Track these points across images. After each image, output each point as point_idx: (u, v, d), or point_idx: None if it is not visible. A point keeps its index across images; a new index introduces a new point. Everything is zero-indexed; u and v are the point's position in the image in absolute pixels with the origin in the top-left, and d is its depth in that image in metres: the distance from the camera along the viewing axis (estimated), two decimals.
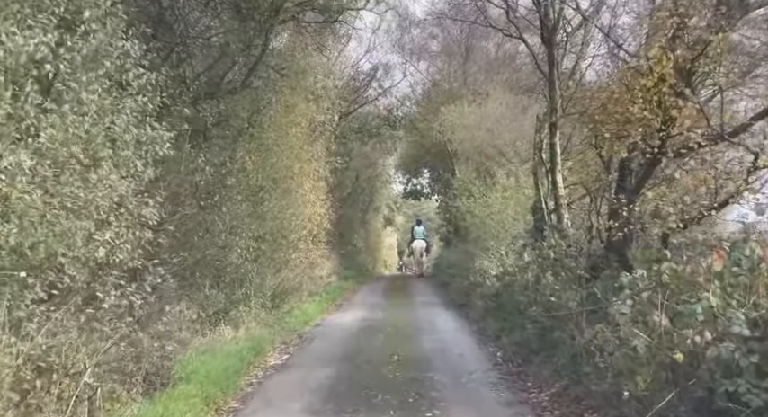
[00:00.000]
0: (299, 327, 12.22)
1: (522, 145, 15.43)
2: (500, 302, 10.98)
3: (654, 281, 5.04)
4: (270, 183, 13.44)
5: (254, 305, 11.70)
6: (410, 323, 12.24)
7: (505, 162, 15.49)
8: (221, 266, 11.15)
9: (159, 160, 8.10)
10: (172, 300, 9.42)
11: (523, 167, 14.94)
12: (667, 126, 6.23)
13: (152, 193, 6.98)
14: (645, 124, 6.26)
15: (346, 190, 26.25)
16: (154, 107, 7.04)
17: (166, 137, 6.42)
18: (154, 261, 7.24)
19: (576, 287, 7.28)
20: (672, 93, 6.11)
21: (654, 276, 5.06)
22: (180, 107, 8.90)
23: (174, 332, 9.14)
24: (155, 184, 8.08)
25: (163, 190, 8.42)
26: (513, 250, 12.20)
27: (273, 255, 13.48)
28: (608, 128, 6.65)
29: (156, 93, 7.52)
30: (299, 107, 15.66)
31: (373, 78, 22.84)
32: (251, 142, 12.73)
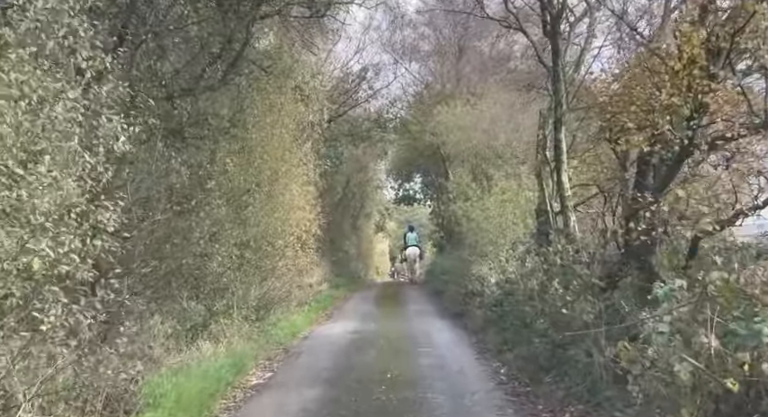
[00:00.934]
0: (286, 340, 11.33)
1: (519, 145, 14.61)
2: (501, 312, 10.13)
3: (698, 294, 4.18)
4: (254, 187, 12.55)
5: (237, 317, 10.81)
6: (404, 334, 11.37)
7: (502, 163, 14.66)
8: (200, 275, 10.25)
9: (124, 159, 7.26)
10: (143, 314, 8.57)
11: (522, 168, 14.10)
12: (699, 113, 5.41)
13: (112, 196, 6.10)
14: (673, 112, 5.43)
15: (337, 195, 25.38)
16: (114, 98, 6.18)
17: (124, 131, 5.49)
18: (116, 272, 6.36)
19: (592, 298, 6.41)
20: (703, 76, 5.29)
21: (698, 287, 4.20)
22: (149, 101, 8.01)
23: (145, 350, 8.28)
24: (120, 186, 7.22)
25: (130, 194, 7.57)
26: (513, 256, 11.35)
27: (258, 263, 12.58)
28: (630, 118, 5.80)
29: (117, 82, 6.65)
30: (287, 107, 14.78)
31: (363, 79, 22.00)
32: (233, 143, 11.84)
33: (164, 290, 9.43)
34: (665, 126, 5.40)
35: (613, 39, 9.43)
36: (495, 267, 11.71)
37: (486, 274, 11.68)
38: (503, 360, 8.53)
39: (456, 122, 17.06)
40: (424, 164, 26.25)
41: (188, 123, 9.86)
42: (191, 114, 10.06)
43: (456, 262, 16.02)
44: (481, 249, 13.41)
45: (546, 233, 9.19)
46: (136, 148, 8.31)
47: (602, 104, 6.86)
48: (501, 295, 10.62)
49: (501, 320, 10.03)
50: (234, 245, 11.21)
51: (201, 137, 10.82)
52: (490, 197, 14.05)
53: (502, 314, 10.11)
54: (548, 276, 8.66)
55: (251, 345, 10.12)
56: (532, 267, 9.34)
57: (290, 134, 14.96)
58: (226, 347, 9.64)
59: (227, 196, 11.76)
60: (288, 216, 14.28)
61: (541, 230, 9.34)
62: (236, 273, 11.13)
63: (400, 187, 30.11)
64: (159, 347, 8.58)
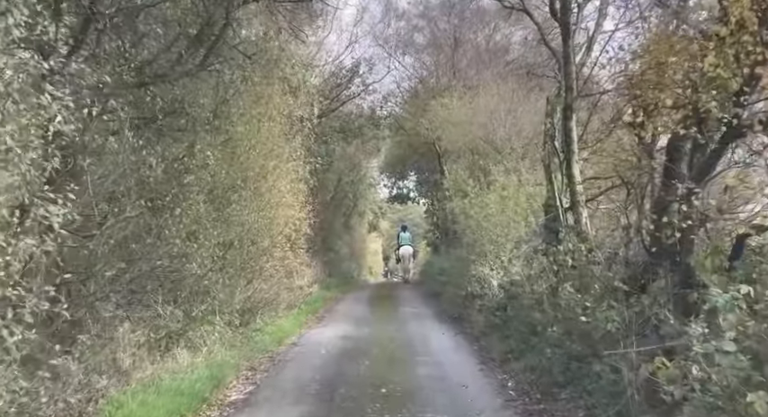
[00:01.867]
0: (272, 347, 10.44)
1: (518, 140, 13.73)
2: (506, 317, 9.25)
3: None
4: (238, 183, 11.64)
5: (219, 322, 9.91)
6: (400, 340, 10.46)
7: (501, 158, 13.76)
8: (178, 278, 9.34)
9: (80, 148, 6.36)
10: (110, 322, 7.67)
11: (522, 163, 13.21)
12: (751, 87, 4.54)
13: (61, 188, 5.20)
14: (719, 86, 4.56)
15: (328, 193, 24.45)
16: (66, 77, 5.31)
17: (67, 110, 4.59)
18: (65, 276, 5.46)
19: (616, 303, 5.53)
20: (755, 43, 4.41)
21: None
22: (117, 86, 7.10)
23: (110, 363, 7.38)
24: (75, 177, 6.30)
25: (91, 187, 6.66)
26: (517, 255, 10.48)
27: (243, 264, 11.69)
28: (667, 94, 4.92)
29: (70, 59, 5.79)
30: (275, 100, 13.86)
31: (355, 74, 21.07)
32: (216, 135, 10.91)
33: (136, 295, 8.52)
34: (709, 103, 4.52)
35: (630, 15, 8.50)
36: (497, 267, 10.83)
37: (488, 275, 10.79)
38: (509, 371, 7.65)
39: (452, 116, 16.16)
40: (419, 162, 25.36)
41: (162, 112, 8.90)
42: (165, 102, 9.11)
43: (454, 262, 15.14)
44: (480, 248, 12.51)
45: (555, 230, 8.31)
46: (101, 138, 7.48)
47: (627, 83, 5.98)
48: (504, 298, 9.75)
49: (505, 326, 9.16)
50: (216, 245, 10.34)
51: (180, 128, 9.87)
52: (489, 193, 13.15)
53: (506, 319, 9.25)
54: (558, 278, 7.80)
55: (233, 353, 9.23)
56: (540, 268, 8.47)
57: (279, 128, 14.05)
58: (205, 356, 8.76)
59: (209, 192, 10.88)
60: (276, 214, 13.37)
61: (550, 227, 8.47)
62: (218, 275, 10.23)
63: (394, 185, 29.22)
64: (129, 358, 7.69)
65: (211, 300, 9.88)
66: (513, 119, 14.03)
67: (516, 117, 14.12)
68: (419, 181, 28.48)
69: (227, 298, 10.76)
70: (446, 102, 16.96)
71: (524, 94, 14.47)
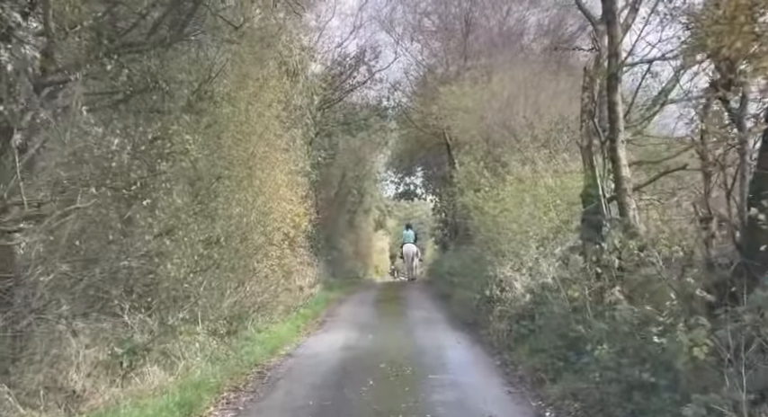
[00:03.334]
0: (264, 359, 9.02)
1: (540, 126, 12.24)
2: (535, 327, 7.78)
3: None
4: (225, 172, 10.21)
5: (202, 331, 8.49)
6: (409, 351, 8.99)
7: (519, 148, 12.28)
8: (151, 282, 7.92)
9: None
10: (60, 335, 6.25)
11: (542, 153, 11.73)
12: None
13: None
14: None
15: (332, 189, 23.02)
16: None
17: None
18: None
19: (704, 320, 4.05)
20: None
21: None
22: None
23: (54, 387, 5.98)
24: None
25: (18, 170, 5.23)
26: (544, 254, 9.01)
27: (233, 264, 10.26)
28: None
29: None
30: (270, 83, 12.43)
31: (360, 61, 19.58)
32: (199, 118, 9.49)
33: (96, 302, 7.10)
34: None
35: None
36: (521, 268, 9.35)
37: (510, 277, 9.30)
38: (545, 397, 6.19)
39: (464, 103, 14.65)
40: (426, 156, 23.89)
41: (131, 87, 7.46)
42: (136, 75, 7.67)
43: (466, 262, 13.65)
44: (497, 246, 11.04)
45: (596, 225, 6.83)
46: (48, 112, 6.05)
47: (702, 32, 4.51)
48: (530, 303, 8.28)
49: (533, 337, 7.71)
50: (199, 243, 8.92)
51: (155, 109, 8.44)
52: (506, 186, 11.67)
53: (536, 330, 7.77)
54: (603, 282, 6.33)
55: (216, 369, 7.80)
56: (577, 269, 7.00)
57: (274, 115, 12.61)
58: (181, 373, 7.34)
59: (190, 182, 9.47)
60: (270, 208, 11.93)
61: (590, 221, 6.97)
62: (201, 277, 8.82)
63: (401, 181, 27.67)
64: (83, 379, 6.26)
65: (192, 306, 8.46)
66: (533, 103, 12.53)
67: (537, 102, 12.63)
68: (426, 177, 26.99)
69: (214, 303, 9.38)
70: (456, 89, 15.47)
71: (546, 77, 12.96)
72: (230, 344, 9.01)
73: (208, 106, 9.98)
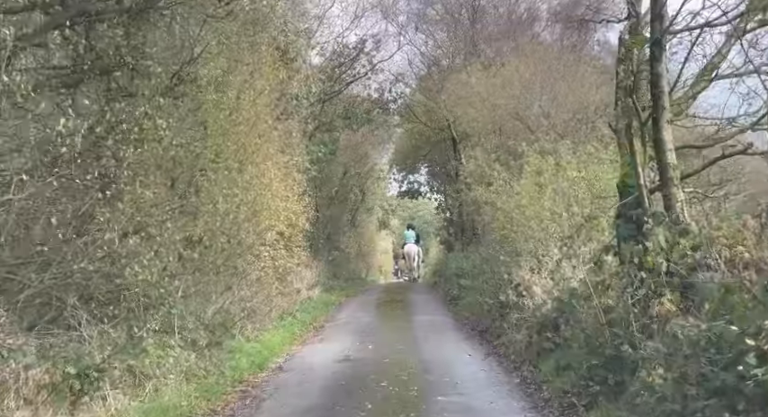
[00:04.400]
0: (250, 374, 7.94)
1: (559, 115, 11.11)
2: (561, 340, 6.64)
3: None
4: (210, 164, 9.10)
5: (178, 343, 7.36)
6: (414, 366, 7.86)
7: (536, 139, 11.13)
8: (118, 287, 6.80)
9: None
10: None
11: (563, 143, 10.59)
12: None
13: None
14: None
15: (333, 187, 21.84)
16: None
17: None
18: None
19: None
20: None
21: None
22: None
23: None
24: None
25: None
26: (567, 254, 7.87)
27: (219, 266, 9.14)
28: None
29: None
30: (263, 70, 11.34)
31: (361, 52, 18.42)
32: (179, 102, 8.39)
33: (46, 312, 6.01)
34: None
35: None
36: (540, 270, 8.22)
37: (529, 281, 8.15)
38: None
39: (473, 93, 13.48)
40: (431, 153, 22.67)
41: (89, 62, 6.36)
42: (96, 48, 6.56)
43: (476, 262, 12.50)
44: (512, 246, 9.91)
45: (637, 220, 5.68)
46: None
47: None
48: (554, 311, 7.14)
49: (560, 351, 6.56)
50: (178, 243, 7.81)
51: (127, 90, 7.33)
52: (521, 180, 10.54)
53: (562, 343, 6.63)
54: (648, 290, 5.21)
55: (191, 388, 6.72)
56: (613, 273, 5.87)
57: (267, 104, 11.51)
58: (150, 395, 6.22)
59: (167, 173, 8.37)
60: (263, 206, 10.81)
61: (627, 216, 5.83)
62: (178, 281, 7.71)
63: (404, 179, 26.45)
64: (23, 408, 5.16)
65: (167, 314, 7.34)
66: (550, 91, 11.39)
67: (554, 90, 11.49)
68: (431, 175, 25.80)
69: (195, 310, 8.28)
70: (465, 76, 14.32)
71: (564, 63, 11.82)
72: (212, 357, 7.89)
73: (190, 90, 8.91)
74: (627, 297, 5.22)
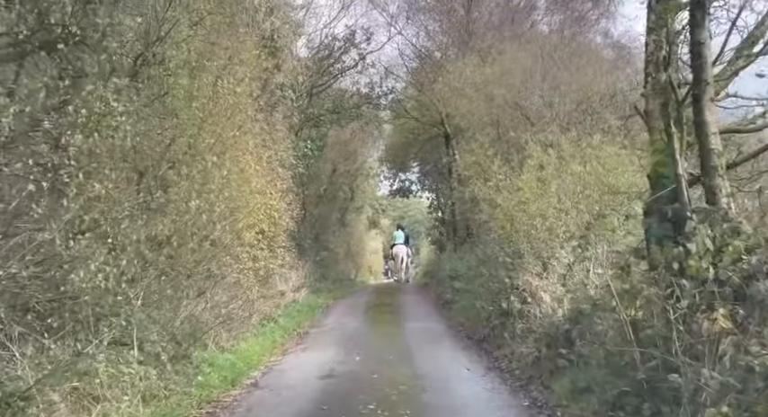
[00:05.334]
0: (221, 392, 6.90)
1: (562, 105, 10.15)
2: (574, 355, 5.66)
3: None
4: (180, 156, 8.07)
5: (137, 359, 6.32)
6: (406, 382, 6.85)
7: (537, 130, 10.16)
8: (62, 295, 5.75)
9: None
10: None
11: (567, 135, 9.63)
12: None
13: None
14: None
15: (321, 184, 20.82)
16: None
17: None
18: None
19: None
20: None
21: None
22: None
23: None
24: None
25: None
26: (580, 257, 6.91)
27: (190, 269, 8.11)
28: None
29: None
30: (243, 56, 10.32)
31: (350, 43, 17.37)
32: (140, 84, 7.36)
33: None
34: None
35: None
36: (548, 274, 7.24)
37: (536, 286, 7.15)
38: None
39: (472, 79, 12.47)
40: (422, 150, 21.69)
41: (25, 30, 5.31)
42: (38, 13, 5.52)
43: (472, 263, 11.52)
44: (513, 246, 8.94)
45: (674, 217, 4.70)
46: None
47: None
48: (567, 323, 6.15)
49: (577, 371, 5.56)
50: (140, 244, 6.78)
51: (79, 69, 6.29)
52: (522, 175, 9.57)
53: (575, 359, 5.64)
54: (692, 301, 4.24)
55: (148, 412, 5.71)
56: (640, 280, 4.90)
57: (248, 94, 10.48)
58: None
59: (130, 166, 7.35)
60: (242, 203, 9.79)
61: (662, 213, 4.84)
62: (137, 287, 6.68)
63: (395, 177, 25.38)
64: None
65: (126, 324, 6.30)
66: (552, 80, 10.43)
67: (556, 78, 10.52)
68: (422, 173, 24.80)
69: (160, 319, 7.26)
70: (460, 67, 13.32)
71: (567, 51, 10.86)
72: (177, 373, 6.87)
73: (157, 73, 7.89)
74: (668, 310, 4.23)
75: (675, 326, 4.12)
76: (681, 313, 4.21)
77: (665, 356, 4.24)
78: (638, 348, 4.68)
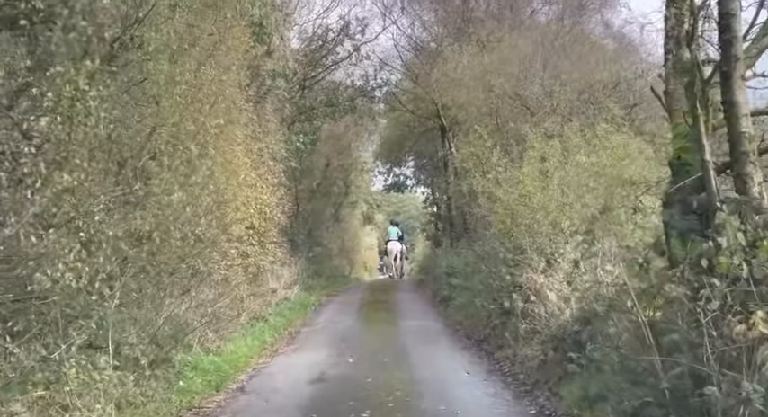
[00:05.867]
0: (204, 397, 6.39)
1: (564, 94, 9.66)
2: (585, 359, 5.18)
3: None
4: (161, 146, 7.54)
5: (112, 363, 5.81)
6: (402, 387, 6.36)
7: (537, 121, 9.69)
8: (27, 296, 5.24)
9: None
10: None
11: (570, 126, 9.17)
12: None
13: None
14: None
15: (315, 179, 20.29)
16: None
17: None
18: None
19: None
20: None
21: None
22: None
23: None
24: None
25: None
26: (587, 253, 6.43)
27: (173, 266, 7.60)
28: None
29: None
30: (230, 42, 9.80)
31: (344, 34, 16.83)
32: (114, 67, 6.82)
33: None
34: None
35: None
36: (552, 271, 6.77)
37: (542, 284, 6.67)
38: None
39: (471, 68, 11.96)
40: (418, 144, 21.23)
41: None
42: None
43: (470, 259, 11.04)
44: (514, 241, 8.46)
45: (700, 208, 4.23)
46: None
47: None
48: (576, 323, 5.68)
49: (589, 376, 5.08)
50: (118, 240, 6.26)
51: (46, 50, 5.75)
52: (523, 167, 9.09)
53: (586, 364, 5.16)
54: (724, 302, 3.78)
55: None
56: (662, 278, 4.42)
57: (235, 82, 9.98)
58: None
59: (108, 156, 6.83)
60: (230, 196, 9.28)
61: (686, 204, 4.37)
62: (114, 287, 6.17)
63: (390, 172, 24.85)
64: None
65: (96, 328, 5.80)
66: (553, 68, 9.94)
67: (558, 67, 10.03)
68: (417, 167, 24.30)
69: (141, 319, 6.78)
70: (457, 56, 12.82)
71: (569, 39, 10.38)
72: (158, 378, 6.37)
73: (135, 57, 7.38)
74: (696, 312, 3.75)
75: (707, 330, 3.64)
76: (711, 315, 3.73)
77: (693, 364, 3.77)
78: (658, 353, 4.22)
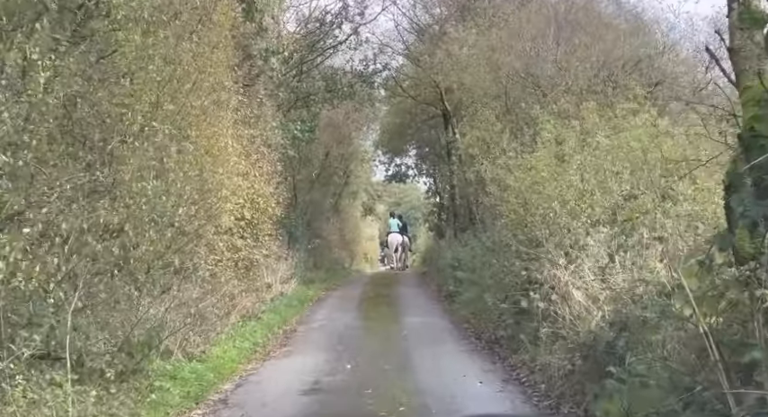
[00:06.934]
0: (180, 412, 5.53)
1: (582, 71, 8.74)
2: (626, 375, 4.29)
3: None
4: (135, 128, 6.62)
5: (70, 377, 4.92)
6: (407, 399, 5.49)
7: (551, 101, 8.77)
8: None
9: None
10: None
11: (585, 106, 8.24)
12: None
13: None
14: None
15: (314, 169, 19.35)
16: None
17: None
18: None
19: None
20: None
21: None
22: None
23: None
24: None
25: None
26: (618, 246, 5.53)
27: (149, 261, 6.71)
28: None
29: None
30: (215, 17, 8.87)
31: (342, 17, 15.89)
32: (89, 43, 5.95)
33: None
34: None
35: None
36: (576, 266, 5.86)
37: (567, 282, 5.75)
38: None
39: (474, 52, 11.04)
40: (419, 132, 20.34)
41: None
42: None
43: (477, 252, 10.14)
44: (528, 233, 7.55)
45: None
46: None
47: None
48: (611, 330, 4.78)
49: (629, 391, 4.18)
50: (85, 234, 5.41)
51: None
52: (536, 152, 8.18)
53: (625, 378, 4.27)
54: None
55: None
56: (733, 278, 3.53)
57: (224, 60, 9.06)
58: None
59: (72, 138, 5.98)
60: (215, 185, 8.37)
61: (762, 186, 3.47)
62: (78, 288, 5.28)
63: (391, 162, 23.91)
64: None
65: (48, 337, 4.93)
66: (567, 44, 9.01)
67: (572, 42, 9.10)
68: (419, 157, 23.37)
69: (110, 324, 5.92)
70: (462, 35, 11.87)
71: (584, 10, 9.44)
72: (128, 391, 5.50)
73: (102, 27, 6.46)
74: None
75: None
76: None
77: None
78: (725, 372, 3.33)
